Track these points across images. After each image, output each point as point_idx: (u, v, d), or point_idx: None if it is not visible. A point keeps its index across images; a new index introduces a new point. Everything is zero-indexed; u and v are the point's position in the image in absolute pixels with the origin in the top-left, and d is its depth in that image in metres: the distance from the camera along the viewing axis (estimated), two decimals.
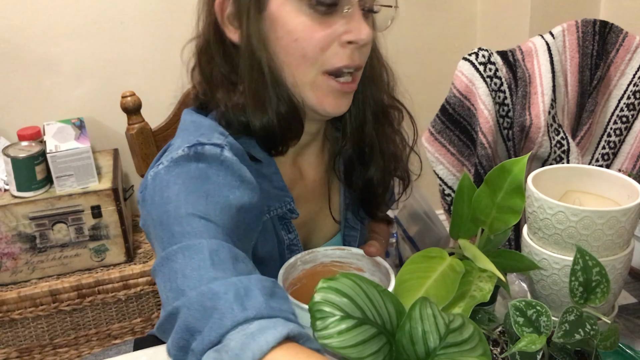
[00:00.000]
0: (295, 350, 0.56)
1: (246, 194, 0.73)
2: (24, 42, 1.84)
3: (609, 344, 0.70)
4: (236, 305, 0.57)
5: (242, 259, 0.65)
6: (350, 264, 0.90)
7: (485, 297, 0.72)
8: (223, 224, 0.68)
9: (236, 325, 0.56)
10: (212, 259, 0.62)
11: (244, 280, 0.60)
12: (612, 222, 0.77)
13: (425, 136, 1.35)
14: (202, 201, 0.68)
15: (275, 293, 0.62)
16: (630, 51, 1.35)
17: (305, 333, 0.59)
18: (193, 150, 0.73)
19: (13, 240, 1.67)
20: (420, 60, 2.28)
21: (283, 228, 0.88)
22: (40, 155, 1.67)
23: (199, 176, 0.71)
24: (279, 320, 0.58)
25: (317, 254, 0.88)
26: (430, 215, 1.72)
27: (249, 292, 0.59)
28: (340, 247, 0.90)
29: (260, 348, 0.54)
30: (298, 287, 0.87)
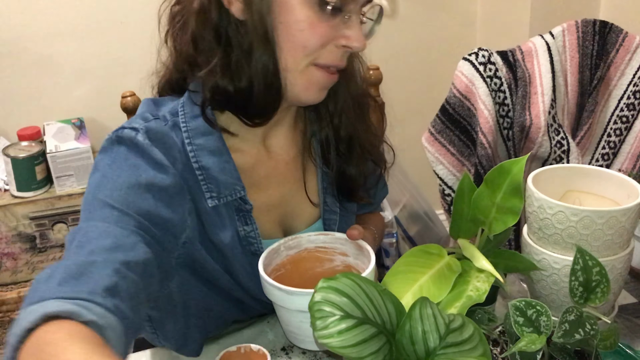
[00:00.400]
0: (54, 329, 0.57)
1: (158, 175, 0.79)
2: (24, 42, 1.84)
3: (609, 344, 0.70)
4: (32, 291, 0.63)
5: (122, 249, 0.70)
6: (335, 248, 0.90)
7: (481, 297, 0.72)
8: (128, 206, 0.75)
9: (32, 304, 0.61)
10: (84, 243, 0.69)
11: (67, 262, 0.66)
12: (612, 222, 0.77)
13: (425, 136, 1.35)
14: (111, 185, 0.76)
15: (84, 274, 0.64)
16: (630, 51, 1.35)
17: (77, 310, 0.59)
18: (115, 134, 0.81)
19: (13, 240, 1.67)
20: (420, 60, 2.27)
21: (239, 219, 0.89)
22: (40, 155, 1.67)
23: (115, 160, 0.79)
24: (49, 303, 0.59)
25: (301, 240, 0.90)
26: (430, 215, 1.72)
27: (51, 277, 0.64)
28: (324, 232, 0.91)
29: (15, 333, 0.57)
30: (282, 273, 0.87)
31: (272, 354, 0.88)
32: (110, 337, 0.60)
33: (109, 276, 0.65)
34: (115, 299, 0.64)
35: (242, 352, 0.79)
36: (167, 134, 0.84)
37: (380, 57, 1.11)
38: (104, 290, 0.63)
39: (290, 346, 0.90)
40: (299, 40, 0.81)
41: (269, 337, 0.92)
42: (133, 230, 0.73)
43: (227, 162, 0.87)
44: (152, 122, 0.83)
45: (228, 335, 0.94)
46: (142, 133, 0.80)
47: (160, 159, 0.80)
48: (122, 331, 0.63)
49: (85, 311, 0.59)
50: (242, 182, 0.88)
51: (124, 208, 0.74)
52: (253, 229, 0.90)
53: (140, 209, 0.76)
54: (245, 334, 0.94)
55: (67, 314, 0.58)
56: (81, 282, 0.63)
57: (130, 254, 0.70)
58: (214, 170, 0.85)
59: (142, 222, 0.75)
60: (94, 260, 0.66)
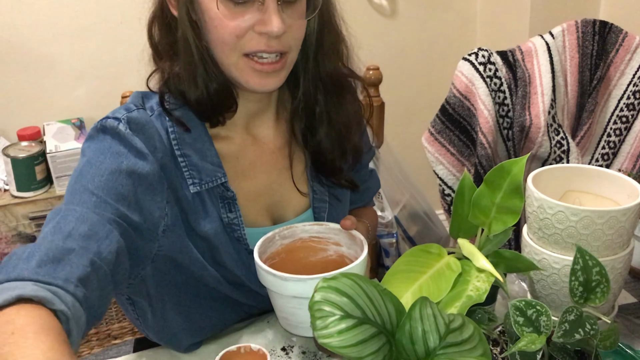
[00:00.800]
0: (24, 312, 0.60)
1: (138, 163, 0.82)
2: (24, 42, 1.84)
3: (609, 344, 0.70)
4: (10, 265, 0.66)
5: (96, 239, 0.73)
6: (329, 239, 0.91)
7: (481, 297, 0.72)
8: (108, 192, 0.78)
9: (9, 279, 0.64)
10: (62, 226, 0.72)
11: (46, 244, 0.69)
12: (612, 222, 0.77)
13: (425, 136, 1.35)
14: (94, 171, 0.79)
15: (62, 260, 0.67)
16: (630, 51, 1.35)
17: (49, 297, 0.62)
18: (99, 123, 0.85)
19: (13, 240, 1.67)
20: (420, 60, 2.28)
21: (223, 207, 0.91)
22: (40, 155, 1.67)
23: (99, 147, 0.82)
24: (25, 284, 0.63)
25: (295, 230, 0.91)
26: (430, 215, 1.72)
27: (31, 256, 0.67)
28: (318, 222, 0.93)
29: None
30: (276, 261, 0.88)
31: (272, 354, 0.88)
32: (72, 328, 0.63)
33: (84, 266, 0.69)
34: (86, 289, 0.68)
35: (242, 352, 0.79)
36: (149, 123, 0.86)
37: (380, 57, 1.11)
38: (78, 280, 0.67)
39: (291, 346, 0.90)
40: (216, 36, 0.83)
41: (269, 337, 0.92)
42: (109, 218, 0.76)
43: (208, 149, 0.89)
44: (134, 112, 0.86)
45: (228, 335, 0.94)
46: (124, 123, 0.83)
47: (140, 147, 0.83)
48: (84, 321, 0.67)
49: (58, 300, 0.63)
50: (224, 169, 0.90)
51: (103, 195, 0.77)
52: (237, 216, 0.92)
53: (119, 194, 0.79)
54: (245, 334, 0.94)
55: (40, 299, 0.61)
56: (58, 268, 0.67)
57: (103, 244, 0.73)
58: (195, 157, 0.88)
59: (119, 209, 0.78)
60: (72, 247, 0.69)
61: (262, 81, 0.86)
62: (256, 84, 0.86)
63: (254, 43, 0.83)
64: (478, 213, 0.79)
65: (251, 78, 0.85)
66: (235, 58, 0.84)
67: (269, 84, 0.87)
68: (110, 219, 0.76)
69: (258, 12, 0.81)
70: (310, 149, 0.98)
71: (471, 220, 0.80)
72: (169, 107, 0.88)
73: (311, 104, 0.94)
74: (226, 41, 0.83)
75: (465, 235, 0.82)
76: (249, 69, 0.85)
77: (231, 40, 0.82)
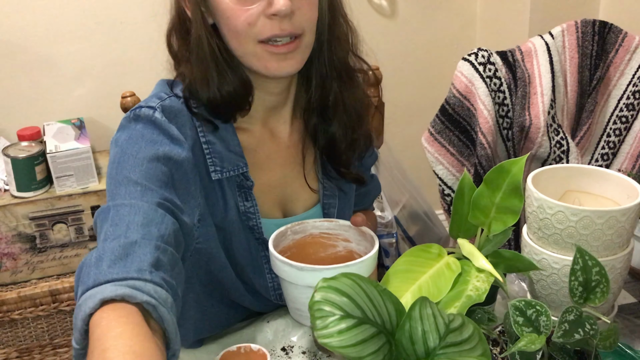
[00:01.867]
0: (111, 314, 0.62)
1: (174, 149, 0.83)
2: (24, 42, 1.84)
3: (609, 344, 0.70)
4: (85, 275, 0.67)
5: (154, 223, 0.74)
6: (338, 235, 0.94)
7: (480, 297, 0.72)
8: (150, 180, 0.78)
9: (89, 288, 0.65)
10: (118, 222, 0.73)
11: (109, 244, 0.70)
12: (611, 222, 0.77)
13: (425, 136, 1.35)
14: (132, 161, 0.80)
15: (129, 254, 0.69)
16: (629, 51, 1.35)
17: (129, 293, 0.63)
18: (133, 113, 0.85)
19: (13, 241, 1.67)
20: (420, 60, 2.28)
21: (240, 195, 0.93)
22: (40, 155, 1.67)
23: (133, 136, 0.83)
24: (104, 287, 0.64)
25: (306, 225, 0.93)
26: (430, 215, 1.72)
27: (100, 260, 0.68)
28: (329, 219, 0.95)
29: (80, 318, 0.62)
30: (288, 255, 0.89)
31: (272, 354, 0.88)
32: (162, 314, 0.65)
33: (151, 253, 0.70)
34: (160, 272, 0.69)
35: (242, 352, 0.79)
36: (182, 111, 0.88)
37: (380, 57, 1.11)
38: (150, 266, 0.68)
39: (291, 346, 0.90)
40: (230, 28, 0.84)
41: (269, 337, 0.93)
42: (158, 203, 0.77)
43: (232, 139, 0.91)
44: (167, 100, 0.87)
45: (228, 335, 0.94)
46: (159, 111, 0.85)
47: (176, 134, 0.84)
48: (172, 302, 0.68)
49: (139, 293, 0.64)
50: (245, 159, 0.91)
51: (146, 182, 0.78)
52: (253, 205, 0.93)
53: (161, 180, 0.80)
54: (245, 334, 0.94)
55: (121, 297, 0.63)
56: (128, 262, 0.68)
57: (162, 227, 0.74)
58: (219, 145, 0.89)
59: (164, 194, 0.79)
60: (134, 239, 0.70)
61: (279, 64, 0.87)
62: (274, 68, 0.87)
63: (267, 28, 0.83)
64: (477, 213, 0.79)
65: (269, 62, 0.86)
66: (252, 46, 0.85)
67: (286, 67, 0.87)
68: (159, 203, 0.77)
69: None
70: (323, 139, 0.98)
71: (471, 220, 0.80)
72: (194, 108, 0.89)
73: (326, 91, 0.95)
74: (240, 30, 0.84)
75: (465, 235, 0.82)
76: (266, 53, 0.85)
77: (244, 28, 0.83)
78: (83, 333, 0.62)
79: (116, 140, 0.85)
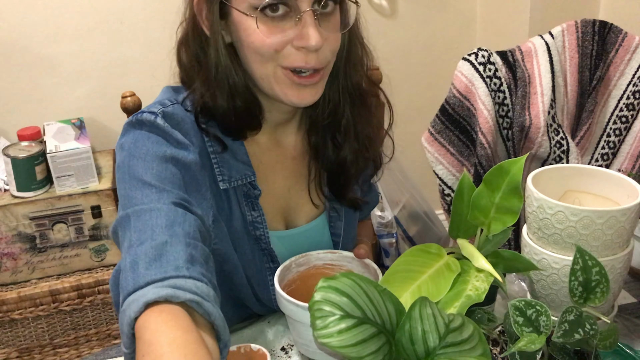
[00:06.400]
0: (158, 317, 0.62)
1: (180, 152, 0.82)
2: (24, 42, 1.84)
3: (609, 344, 0.70)
4: (123, 282, 0.68)
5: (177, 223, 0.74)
6: (341, 266, 0.94)
7: (480, 297, 0.72)
8: (162, 181, 0.78)
9: (130, 293, 0.66)
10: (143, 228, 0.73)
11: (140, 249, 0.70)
12: (611, 222, 0.77)
13: (425, 136, 1.35)
14: (142, 164, 0.79)
15: (162, 254, 0.69)
16: (629, 51, 1.35)
17: (172, 293, 0.64)
18: (135, 118, 0.84)
19: (13, 241, 1.67)
20: (420, 60, 2.28)
21: (247, 204, 0.92)
22: (40, 155, 1.67)
23: (139, 139, 0.82)
24: (145, 290, 0.65)
25: (310, 257, 0.94)
26: (430, 215, 1.72)
27: (135, 264, 0.68)
28: (332, 250, 0.95)
29: (127, 323, 0.63)
30: (293, 289, 0.90)
31: (272, 354, 0.88)
32: (208, 309, 0.65)
33: (184, 250, 0.70)
34: (197, 266, 0.70)
35: (242, 352, 0.79)
36: (185, 119, 0.87)
37: (380, 57, 1.11)
38: (186, 262, 0.69)
39: (291, 345, 0.90)
40: (254, 51, 0.82)
41: (269, 337, 0.93)
42: (175, 203, 0.77)
43: (239, 148, 0.91)
44: (169, 107, 0.86)
45: None
46: (161, 117, 0.84)
47: (180, 139, 0.83)
48: (214, 295, 0.68)
49: (181, 292, 0.64)
50: (253, 168, 0.91)
51: (160, 184, 0.78)
52: (260, 214, 0.93)
53: (172, 182, 0.79)
54: (245, 334, 0.94)
55: (164, 298, 0.64)
56: (164, 262, 0.68)
57: (185, 226, 0.74)
58: (227, 154, 0.89)
59: (179, 193, 0.78)
60: (163, 240, 0.70)
61: (300, 94, 0.85)
62: (295, 97, 0.85)
63: (292, 59, 0.82)
64: (477, 213, 0.79)
65: (290, 91, 0.84)
66: (273, 68, 0.83)
67: (307, 98, 0.86)
68: (176, 203, 0.77)
69: (296, 28, 0.80)
70: (331, 162, 0.97)
71: (470, 220, 0.80)
72: (204, 124, 0.88)
73: (339, 116, 0.94)
74: (264, 54, 0.82)
75: (465, 235, 0.82)
76: (287, 81, 0.84)
77: (267, 53, 0.82)
78: (130, 337, 0.63)
79: (121, 145, 0.84)
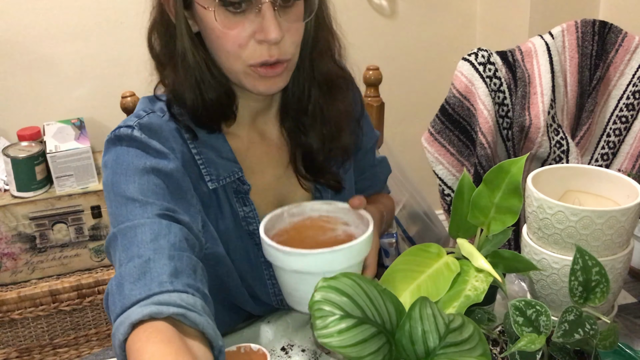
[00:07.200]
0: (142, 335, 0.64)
1: (160, 162, 0.83)
2: (24, 42, 1.84)
3: (609, 344, 0.70)
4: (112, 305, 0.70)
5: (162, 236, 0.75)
6: (337, 218, 0.91)
7: (479, 297, 0.72)
8: (146, 194, 0.79)
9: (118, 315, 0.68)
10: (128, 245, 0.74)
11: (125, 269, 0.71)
12: (611, 222, 0.77)
13: (425, 136, 1.35)
14: (124, 179, 0.80)
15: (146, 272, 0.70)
16: (629, 51, 1.35)
17: (155, 310, 0.65)
18: (113, 134, 0.86)
19: (13, 241, 1.67)
20: (420, 60, 2.28)
21: (238, 201, 0.92)
22: (40, 155, 1.67)
23: (119, 155, 0.83)
24: (131, 311, 0.66)
25: (305, 207, 0.91)
26: (430, 215, 1.72)
27: (120, 286, 0.70)
28: (327, 201, 0.92)
29: (117, 346, 0.65)
30: (284, 239, 0.88)
31: (272, 354, 0.88)
32: (195, 319, 0.66)
33: (167, 264, 0.71)
34: (182, 278, 0.71)
35: (242, 352, 0.79)
36: (162, 126, 0.87)
37: (380, 57, 1.11)
38: (170, 276, 0.70)
39: (291, 345, 0.90)
40: (220, 47, 0.83)
41: (269, 337, 0.93)
42: (159, 214, 0.77)
43: (222, 145, 0.91)
44: (145, 117, 0.87)
45: (228, 335, 0.94)
46: (137, 129, 0.85)
47: (159, 148, 0.84)
48: (201, 304, 0.69)
49: (164, 307, 0.65)
50: (239, 164, 0.91)
51: (142, 197, 0.79)
52: (252, 209, 0.93)
53: (156, 193, 0.80)
54: (245, 334, 0.94)
55: (149, 316, 0.65)
56: (147, 280, 0.69)
57: (171, 237, 0.75)
58: (211, 154, 0.89)
59: (163, 204, 0.79)
60: (147, 257, 0.72)
61: (267, 85, 0.86)
62: (262, 87, 0.86)
63: (257, 54, 0.82)
64: (477, 213, 0.79)
65: (258, 82, 0.86)
66: (242, 67, 0.84)
67: (273, 87, 0.87)
68: (161, 215, 0.77)
69: (256, 21, 0.81)
70: (300, 148, 0.97)
71: (470, 220, 0.80)
72: (177, 114, 0.89)
73: (304, 103, 0.94)
74: (230, 51, 0.83)
75: (465, 235, 0.82)
76: (256, 76, 0.85)
77: (234, 49, 0.82)
78: (123, 358, 0.65)
79: (105, 163, 0.85)
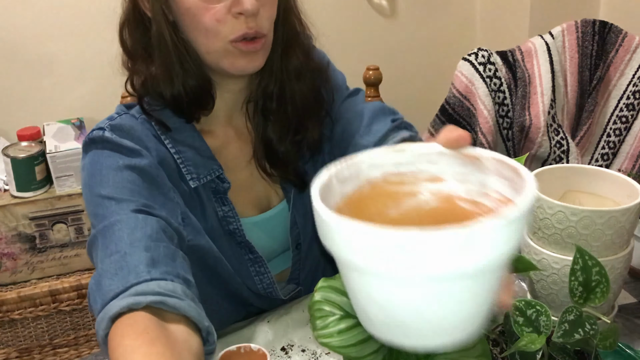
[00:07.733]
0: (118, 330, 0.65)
1: (133, 160, 0.83)
2: (24, 42, 1.83)
3: (609, 344, 0.70)
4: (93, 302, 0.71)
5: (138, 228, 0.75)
6: (419, 172, 0.54)
7: None
8: (122, 192, 0.80)
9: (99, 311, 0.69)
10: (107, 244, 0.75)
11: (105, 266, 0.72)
12: (611, 222, 0.77)
13: (425, 136, 1.35)
14: (99, 179, 0.82)
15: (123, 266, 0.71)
16: (629, 51, 1.35)
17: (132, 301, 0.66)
18: (87, 138, 0.87)
19: (13, 241, 1.67)
20: (420, 60, 2.28)
21: (217, 200, 0.92)
22: (40, 155, 1.67)
23: (94, 157, 0.85)
24: (110, 306, 0.67)
25: (360, 165, 0.53)
26: None
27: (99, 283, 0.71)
28: (395, 146, 0.54)
29: (100, 342, 0.66)
30: None
31: (272, 354, 0.88)
32: (174, 303, 0.67)
33: (144, 255, 0.72)
34: (159, 267, 0.71)
35: (242, 352, 0.79)
36: (134, 126, 0.88)
37: (380, 57, 1.11)
38: (146, 266, 0.70)
39: (290, 345, 0.90)
40: (198, 26, 0.83)
41: (269, 337, 0.92)
42: (135, 210, 0.78)
43: (200, 143, 0.91)
44: (117, 119, 0.88)
45: (228, 335, 0.94)
46: (109, 130, 0.86)
47: (131, 146, 0.84)
48: (182, 289, 0.70)
49: (141, 297, 0.66)
50: (218, 162, 0.91)
51: (117, 195, 0.79)
52: (230, 209, 0.93)
53: (130, 190, 0.80)
54: (245, 333, 0.94)
55: (127, 308, 0.66)
56: (124, 273, 0.70)
57: (147, 229, 0.75)
58: (190, 152, 0.89)
59: (139, 200, 0.79)
60: (124, 252, 0.72)
61: (246, 62, 0.86)
62: (241, 65, 0.86)
63: (237, 28, 0.83)
64: None
65: (238, 60, 0.85)
66: (222, 44, 0.84)
67: (252, 64, 0.87)
68: (136, 210, 0.78)
69: None
70: (262, 141, 0.96)
71: None
72: (149, 109, 0.89)
73: (269, 91, 0.94)
74: (209, 28, 0.83)
75: None
76: (237, 52, 0.85)
77: (213, 25, 0.82)
78: (107, 354, 0.65)
79: (82, 167, 0.87)
